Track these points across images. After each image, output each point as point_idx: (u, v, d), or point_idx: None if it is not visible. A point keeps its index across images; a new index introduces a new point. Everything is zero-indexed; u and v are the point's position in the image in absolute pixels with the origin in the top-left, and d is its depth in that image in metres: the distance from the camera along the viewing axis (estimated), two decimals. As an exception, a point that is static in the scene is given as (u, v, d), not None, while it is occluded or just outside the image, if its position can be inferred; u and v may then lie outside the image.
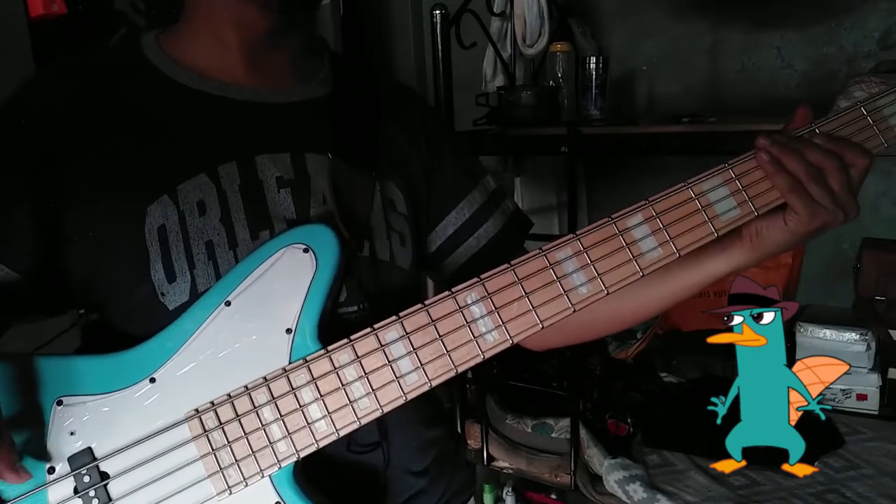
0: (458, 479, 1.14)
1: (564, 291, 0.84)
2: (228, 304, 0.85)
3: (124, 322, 0.91)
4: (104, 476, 0.83)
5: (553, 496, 2.53)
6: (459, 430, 2.47)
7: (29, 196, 0.87)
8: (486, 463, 2.44)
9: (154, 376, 0.84)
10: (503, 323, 0.83)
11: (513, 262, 0.85)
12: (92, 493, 0.82)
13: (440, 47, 2.19)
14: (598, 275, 0.84)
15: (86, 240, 0.88)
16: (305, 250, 0.85)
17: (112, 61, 0.97)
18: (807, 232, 0.86)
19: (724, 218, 0.86)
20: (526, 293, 0.84)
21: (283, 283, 0.85)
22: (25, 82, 0.92)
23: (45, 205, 0.87)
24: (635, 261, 0.85)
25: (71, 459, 0.83)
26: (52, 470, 0.83)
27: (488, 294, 0.84)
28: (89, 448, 0.83)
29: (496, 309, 0.84)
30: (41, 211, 0.87)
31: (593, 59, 2.36)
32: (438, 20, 2.17)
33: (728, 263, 0.92)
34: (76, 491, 0.82)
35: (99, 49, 1.01)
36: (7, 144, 0.89)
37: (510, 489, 2.57)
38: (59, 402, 0.83)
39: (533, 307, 0.84)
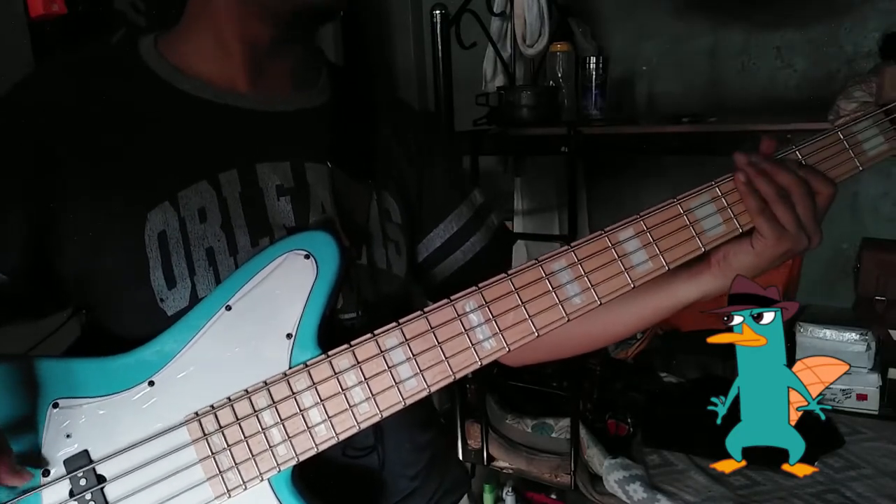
0: (451, 479, 1.14)
1: (559, 301, 0.85)
2: (229, 308, 0.85)
3: (120, 326, 0.90)
4: (101, 479, 0.82)
5: (553, 496, 2.54)
6: (459, 429, 2.47)
7: (20, 197, 0.86)
8: (486, 463, 2.44)
9: (153, 379, 0.84)
10: (500, 331, 0.84)
11: (510, 272, 0.86)
12: (88, 497, 0.82)
13: (440, 47, 2.20)
14: (592, 286, 0.86)
15: (82, 243, 0.87)
16: (307, 256, 0.85)
17: (109, 64, 0.96)
18: (772, 256, 0.88)
19: (711, 234, 0.89)
20: (522, 302, 0.85)
21: (284, 288, 0.85)
22: (20, 81, 0.91)
23: (38, 207, 0.86)
24: (626, 273, 0.87)
25: (67, 462, 0.82)
26: (46, 473, 0.82)
27: (486, 303, 0.85)
28: (85, 451, 0.83)
29: (493, 317, 0.85)
30: (33, 213, 0.86)
31: (593, 59, 2.37)
32: (438, 20, 2.18)
33: (697, 289, 0.94)
34: (72, 494, 0.82)
35: (95, 49, 0.98)
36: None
37: (510, 489, 2.57)
38: (56, 405, 0.83)
39: (529, 316, 0.85)
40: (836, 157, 0.90)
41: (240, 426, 0.83)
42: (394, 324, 0.85)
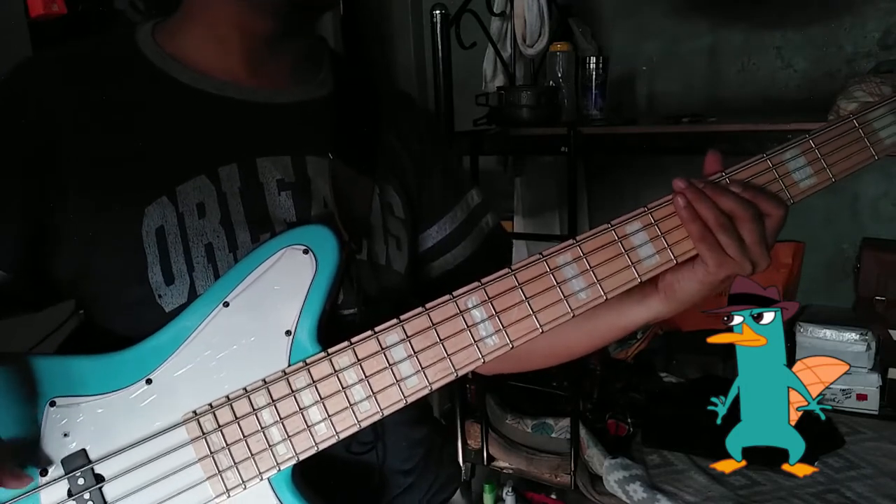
0: (445, 474, 1.14)
1: (564, 297, 0.84)
2: (227, 304, 0.84)
3: (118, 322, 0.89)
4: (99, 478, 0.81)
5: (553, 496, 2.53)
6: (459, 429, 2.46)
7: (17, 192, 0.85)
8: (486, 463, 2.44)
9: (151, 377, 0.83)
10: (503, 327, 0.83)
11: (513, 267, 0.84)
12: (87, 496, 0.81)
13: (440, 47, 2.20)
14: (598, 280, 0.84)
15: (79, 239, 0.86)
16: (305, 251, 0.84)
17: (105, 54, 0.94)
18: (714, 281, 0.85)
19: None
20: (526, 298, 0.83)
21: (283, 284, 0.84)
22: (13, 72, 0.89)
23: (35, 203, 0.85)
24: (634, 267, 0.84)
25: (64, 461, 0.81)
26: (44, 472, 0.81)
27: (489, 298, 0.83)
28: (83, 450, 0.82)
29: (496, 313, 0.83)
30: (30, 208, 0.85)
31: (593, 59, 2.37)
32: (438, 20, 2.18)
33: (648, 313, 0.92)
34: (70, 493, 0.81)
35: (91, 41, 0.95)
36: None
37: (510, 489, 2.56)
38: (53, 403, 0.82)
39: (533, 312, 0.83)
40: (850, 147, 0.87)
41: (239, 425, 0.82)
42: (395, 320, 0.83)
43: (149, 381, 0.83)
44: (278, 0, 0.88)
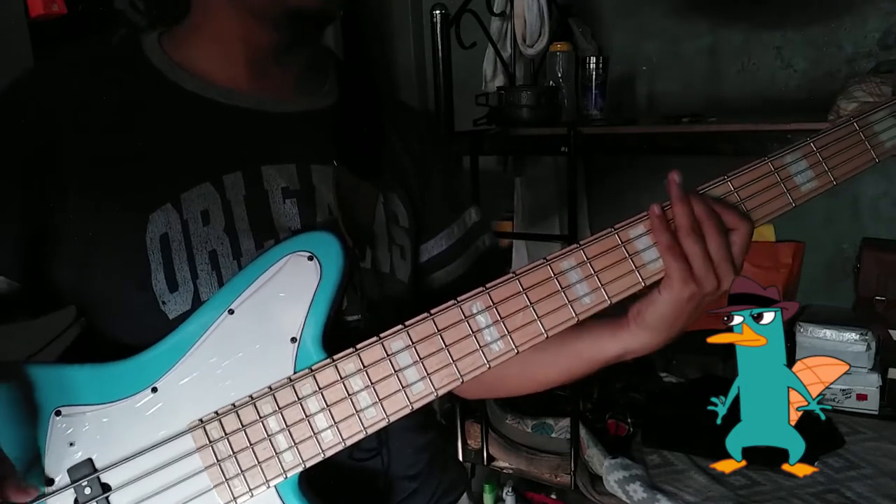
0: (449, 478, 1.14)
1: (568, 301, 0.84)
2: (231, 312, 0.84)
3: (120, 329, 0.89)
4: (106, 488, 0.81)
5: (553, 496, 2.53)
6: (459, 430, 2.46)
7: (20, 197, 0.85)
8: (486, 463, 2.44)
9: (156, 385, 0.83)
10: (508, 332, 0.83)
11: (517, 272, 0.84)
12: None
13: (440, 47, 2.20)
14: (601, 285, 0.84)
15: (82, 245, 0.86)
16: (310, 258, 0.84)
17: (112, 61, 0.94)
18: (680, 301, 0.85)
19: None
20: (530, 303, 0.84)
21: (288, 291, 0.84)
22: (20, 77, 0.89)
23: (38, 207, 0.85)
24: (637, 271, 0.85)
25: (70, 471, 0.81)
26: (50, 482, 0.81)
27: (493, 304, 0.83)
28: (89, 459, 0.81)
29: (501, 319, 0.83)
30: (33, 213, 0.85)
31: (593, 59, 2.37)
32: (438, 20, 2.18)
33: (618, 346, 0.92)
34: (77, 503, 0.81)
35: (98, 46, 0.97)
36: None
37: (510, 489, 2.56)
38: (58, 413, 0.81)
39: (537, 317, 0.83)
40: (851, 150, 0.88)
41: (245, 433, 0.82)
42: (399, 326, 0.83)
43: (154, 390, 0.83)
44: (279, 13, 0.88)
